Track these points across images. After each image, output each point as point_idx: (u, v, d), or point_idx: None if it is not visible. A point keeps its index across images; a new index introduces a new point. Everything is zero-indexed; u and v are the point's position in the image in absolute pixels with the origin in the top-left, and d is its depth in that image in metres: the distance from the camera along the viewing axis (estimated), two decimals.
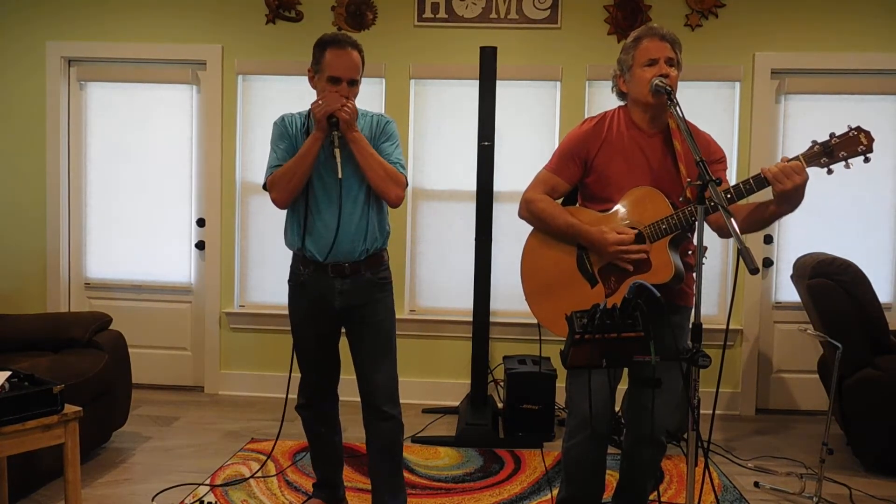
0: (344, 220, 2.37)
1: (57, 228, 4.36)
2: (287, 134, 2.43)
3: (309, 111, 2.42)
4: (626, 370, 2.25)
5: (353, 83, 2.37)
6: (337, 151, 2.28)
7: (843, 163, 1.96)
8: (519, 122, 4.21)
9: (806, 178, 1.94)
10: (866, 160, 1.96)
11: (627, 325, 1.70)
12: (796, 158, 1.97)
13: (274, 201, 2.40)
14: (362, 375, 2.49)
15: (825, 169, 1.99)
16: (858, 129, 1.96)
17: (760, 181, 1.99)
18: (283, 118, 2.48)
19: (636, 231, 2.11)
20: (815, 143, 1.98)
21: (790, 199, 1.98)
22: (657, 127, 2.21)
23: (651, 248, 2.11)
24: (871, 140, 1.94)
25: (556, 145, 2.33)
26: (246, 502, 2.84)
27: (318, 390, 2.61)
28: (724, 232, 2.20)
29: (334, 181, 2.34)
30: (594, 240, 2.14)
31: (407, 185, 2.44)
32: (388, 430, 2.50)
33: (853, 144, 1.95)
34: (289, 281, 2.54)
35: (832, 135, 1.97)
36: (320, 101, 2.31)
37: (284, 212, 2.50)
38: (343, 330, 2.57)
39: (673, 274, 2.09)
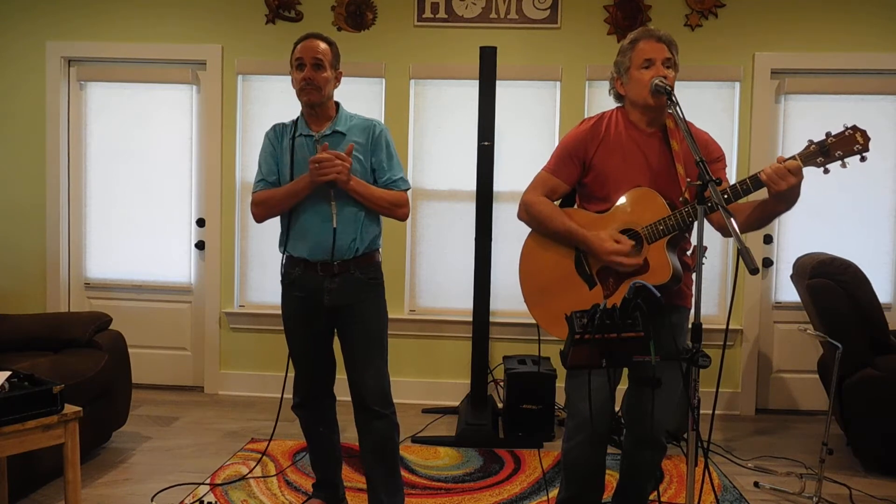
0: (336, 220, 2.41)
1: (57, 228, 4.36)
2: (274, 147, 2.50)
3: (298, 117, 2.51)
4: (625, 370, 2.25)
5: (318, 66, 2.40)
6: (333, 204, 2.37)
7: (840, 162, 1.96)
8: (519, 122, 4.21)
9: (800, 178, 1.94)
10: (862, 159, 1.96)
11: (627, 325, 1.70)
12: (792, 158, 1.97)
13: (253, 215, 2.52)
14: (353, 375, 2.50)
15: (822, 168, 1.99)
16: (854, 128, 1.95)
17: (757, 181, 2.00)
18: (273, 128, 2.54)
19: (633, 243, 2.11)
20: (811, 142, 1.98)
21: (786, 198, 1.99)
22: (655, 126, 2.21)
23: (649, 249, 2.12)
24: (867, 139, 1.94)
25: (556, 145, 2.33)
26: (246, 502, 2.84)
27: (312, 389, 2.62)
28: (725, 231, 2.20)
29: (323, 187, 2.37)
30: (592, 245, 2.14)
31: (408, 192, 2.52)
32: (380, 429, 2.49)
33: (849, 143, 1.95)
34: (281, 281, 2.55)
35: (828, 134, 1.96)
36: (315, 166, 2.31)
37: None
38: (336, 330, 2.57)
39: (671, 275, 2.09)
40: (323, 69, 2.41)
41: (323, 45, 2.42)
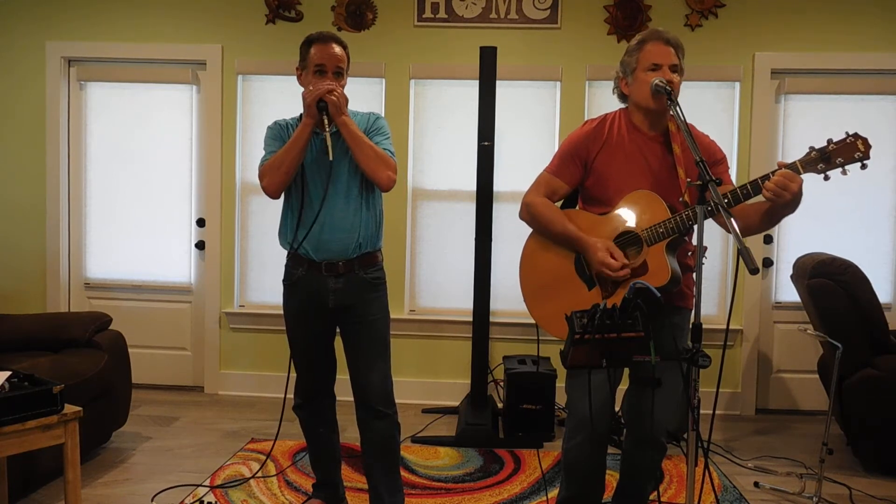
0: (336, 216, 2.39)
1: (57, 228, 4.36)
2: (280, 135, 2.47)
3: (301, 114, 2.45)
4: (625, 370, 2.25)
5: (339, 73, 2.42)
6: (327, 134, 2.30)
7: (840, 169, 1.96)
8: (519, 123, 4.21)
9: (800, 183, 1.95)
10: (863, 167, 1.96)
11: (627, 326, 1.70)
12: (793, 164, 1.97)
13: (265, 189, 2.41)
14: (356, 375, 2.50)
15: (822, 175, 1.99)
16: (856, 135, 1.95)
17: (758, 188, 2.00)
18: (276, 122, 2.53)
19: (625, 261, 2.11)
20: (812, 148, 1.98)
21: (790, 204, 1.99)
22: (657, 129, 2.22)
23: (648, 252, 2.12)
24: (868, 147, 1.94)
25: (556, 146, 2.34)
26: (246, 502, 2.84)
27: (314, 390, 2.62)
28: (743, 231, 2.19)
29: (326, 177, 2.35)
30: (587, 251, 2.16)
31: (396, 171, 2.45)
32: (382, 428, 2.50)
33: (850, 151, 1.95)
34: (283, 281, 2.55)
35: (829, 141, 1.97)
36: (310, 88, 2.35)
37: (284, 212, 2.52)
38: (338, 330, 2.57)
39: (669, 278, 2.09)
40: (342, 77, 2.43)
41: (341, 52, 2.43)
